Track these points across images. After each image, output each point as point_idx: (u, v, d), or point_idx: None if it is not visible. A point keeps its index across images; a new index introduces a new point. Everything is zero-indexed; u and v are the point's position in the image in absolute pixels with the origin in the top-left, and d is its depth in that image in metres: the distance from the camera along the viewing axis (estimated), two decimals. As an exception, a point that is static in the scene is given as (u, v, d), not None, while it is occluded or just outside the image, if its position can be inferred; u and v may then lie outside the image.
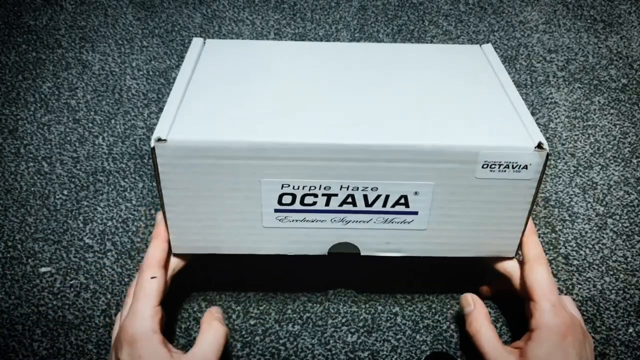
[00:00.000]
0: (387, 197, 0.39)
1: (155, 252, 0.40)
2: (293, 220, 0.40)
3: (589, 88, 0.66)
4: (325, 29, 0.73)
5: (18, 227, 0.51)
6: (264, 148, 0.37)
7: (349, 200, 0.39)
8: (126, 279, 0.47)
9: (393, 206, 0.40)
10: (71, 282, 0.47)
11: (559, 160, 0.58)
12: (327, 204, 0.39)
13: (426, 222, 0.41)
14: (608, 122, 0.62)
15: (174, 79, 0.65)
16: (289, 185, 0.38)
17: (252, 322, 0.45)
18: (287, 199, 0.39)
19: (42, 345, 0.43)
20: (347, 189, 0.39)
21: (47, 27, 0.72)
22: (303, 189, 0.38)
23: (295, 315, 0.46)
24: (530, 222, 0.42)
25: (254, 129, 0.37)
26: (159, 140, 0.36)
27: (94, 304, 0.46)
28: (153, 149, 0.36)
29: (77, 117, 0.61)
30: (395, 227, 0.41)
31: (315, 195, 0.39)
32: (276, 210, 0.40)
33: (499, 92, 0.43)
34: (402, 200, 0.39)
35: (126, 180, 0.55)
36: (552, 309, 0.38)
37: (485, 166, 0.38)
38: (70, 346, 0.43)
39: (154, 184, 0.55)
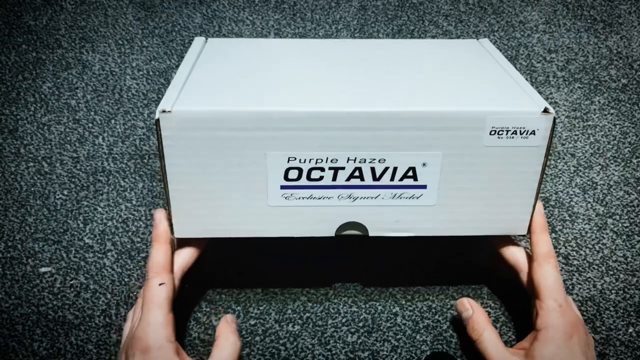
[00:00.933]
0: (395, 169, 0.39)
1: (158, 257, 0.39)
2: (299, 198, 0.39)
3: (589, 88, 0.66)
4: (325, 29, 0.73)
5: (18, 227, 0.51)
6: (270, 118, 0.36)
7: (356, 174, 0.39)
8: (126, 279, 0.47)
9: (401, 179, 0.39)
10: (71, 282, 0.47)
11: (559, 160, 0.58)
12: (334, 178, 0.39)
13: (435, 196, 0.40)
14: (608, 122, 0.62)
15: (174, 79, 0.66)
16: (295, 159, 0.38)
17: (252, 322, 0.45)
18: (293, 174, 0.38)
19: (42, 345, 0.43)
20: (355, 162, 0.38)
21: (47, 27, 0.72)
22: (309, 162, 0.38)
23: (295, 315, 0.46)
24: (543, 218, 0.41)
25: (260, 100, 0.37)
26: (164, 112, 0.36)
27: (94, 304, 0.46)
28: (157, 120, 0.36)
29: (77, 117, 0.61)
30: (404, 204, 0.40)
31: (322, 169, 0.38)
32: (282, 187, 0.39)
33: (500, 70, 0.44)
34: (411, 173, 0.39)
35: (126, 180, 0.55)
36: (559, 308, 0.38)
37: (493, 132, 0.37)
38: (70, 346, 0.43)
39: (154, 184, 0.55)
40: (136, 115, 0.61)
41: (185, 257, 0.42)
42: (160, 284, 0.38)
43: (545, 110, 0.37)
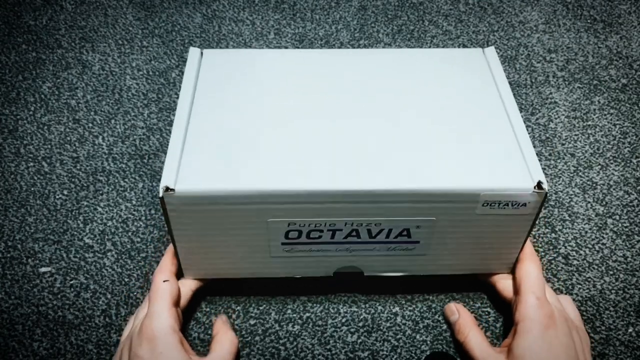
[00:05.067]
0: (390, 230, 0.40)
1: (165, 261, 0.43)
2: (299, 251, 0.42)
3: (589, 88, 0.66)
4: (325, 29, 0.73)
5: (18, 227, 0.51)
6: (270, 195, 0.37)
7: (353, 234, 0.41)
8: (126, 279, 0.47)
9: (396, 237, 0.41)
10: (71, 282, 0.47)
11: (559, 160, 0.58)
12: (332, 237, 0.41)
13: (427, 249, 0.42)
14: (608, 122, 0.62)
15: (174, 79, 0.65)
16: (295, 224, 0.39)
17: (252, 322, 0.45)
18: (293, 235, 0.40)
19: (42, 345, 0.43)
20: (352, 225, 0.40)
21: (47, 27, 0.72)
22: (309, 226, 0.40)
23: (295, 315, 0.46)
24: None
25: (260, 176, 0.38)
26: (167, 190, 0.37)
27: (94, 304, 0.46)
28: (162, 198, 0.37)
29: (77, 117, 0.61)
30: (398, 254, 0.43)
31: (321, 231, 0.40)
32: (283, 244, 0.41)
33: (503, 120, 0.43)
34: (405, 233, 0.41)
35: (126, 180, 0.55)
36: (537, 302, 0.39)
37: (485, 205, 0.39)
38: (70, 346, 0.43)
39: (154, 184, 0.55)
40: (136, 115, 0.61)
41: (195, 281, 0.45)
42: (164, 281, 0.40)
43: (539, 186, 0.38)
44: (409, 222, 0.40)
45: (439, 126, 0.42)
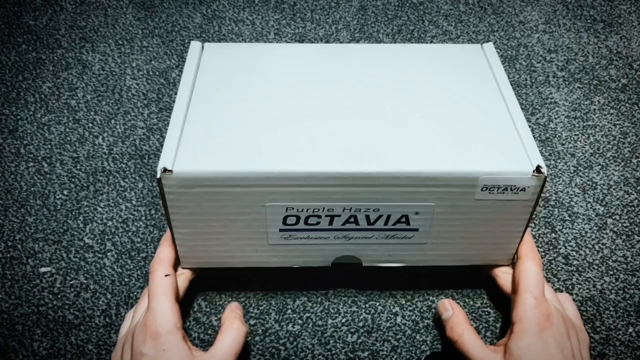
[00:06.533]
0: (388, 216, 0.40)
1: (165, 253, 0.42)
2: (297, 238, 0.42)
3: (589, 88, 0.66)
4: (325, 29, 0.73)
5: (18, 227, 0.51)
6: (268, 177, 0.37)
7: (352, 220, 0.40)
8: (126, 279, 0.47)
9: (394, 224, 0.41)
10: (71, 282, 0.47)
11: (559, 160, 0.58)
12: (331, 223, 0.40)
13: (426, 237, 0.42)
14: (608, 122, 0.62)
15: (174, 79, 0.65)
16: (293, 208, 0.39)
17: (252, 322, 0.45)
18: (291, 220, 0.40)
19: (42, 345, 0.43)
20: (350, 210, 0.40)
21: (47, 27, 0.72)
22: (307, 211, 0.39)
23: (295, 315, 0.46)
24: None
25: (258, 157, 0.38)
26: (165, 171, 0.37)
27: (94, 304, 0.46)
28: (159, 179, 0.37)
29: (77, 117, 0.61)
30: (396, 242, 0.42)
31: (319, 216, 0.40)
32: (281, 230, 0.41)
33: (501, 108, 0.43)
34: (403, 219, 0.40)
35: (126, 180, 0.55)
36: (534, 301, 0.39)
37: (484, 189, 0.39)
38: (70, 346, 0.43)
39: (154, 184, 0.55)
40: (136, 115, 0.61)
41: (191, 271, 0.44)
42: (165, 275, 0.40)
43: (537, 170, 0.38)
44: (407, 208, 0.40)
45: (438, 115, 0.42)
